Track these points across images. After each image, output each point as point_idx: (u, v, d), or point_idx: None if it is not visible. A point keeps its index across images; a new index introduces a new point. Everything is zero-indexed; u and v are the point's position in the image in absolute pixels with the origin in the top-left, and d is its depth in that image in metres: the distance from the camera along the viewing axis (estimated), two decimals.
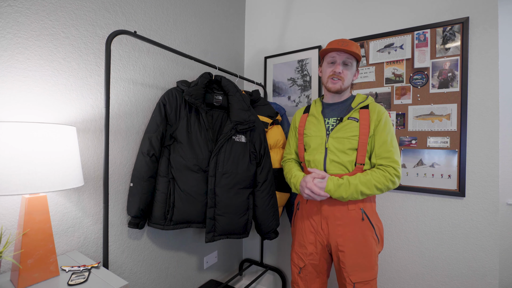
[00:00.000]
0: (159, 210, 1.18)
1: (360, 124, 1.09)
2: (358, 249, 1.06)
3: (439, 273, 1.34)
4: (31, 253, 0.77)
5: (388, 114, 1.12)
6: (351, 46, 1.10)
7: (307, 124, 1.23)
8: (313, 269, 1.16)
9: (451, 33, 1.30)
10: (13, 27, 0.85)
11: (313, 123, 1.20)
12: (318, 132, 1.16)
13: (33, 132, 0.73)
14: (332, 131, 1.13)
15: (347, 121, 1.11)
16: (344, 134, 1.10)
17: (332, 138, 1.12)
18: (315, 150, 1.15)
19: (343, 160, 1.08)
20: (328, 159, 1.11)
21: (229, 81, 1.36)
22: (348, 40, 1.12)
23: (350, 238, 1.07)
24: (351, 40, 1.15)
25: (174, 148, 1.22)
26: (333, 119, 1.16)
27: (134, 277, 1.24)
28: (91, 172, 1.06)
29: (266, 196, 1.36)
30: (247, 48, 2.05)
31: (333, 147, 1.10)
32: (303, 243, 1.18)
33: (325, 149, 1.12)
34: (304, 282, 1.17)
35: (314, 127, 1.19)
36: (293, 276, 1.22)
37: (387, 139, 1.06)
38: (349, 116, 1.12)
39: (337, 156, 1.09)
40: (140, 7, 1.25)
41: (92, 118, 1.06)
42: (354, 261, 1.06)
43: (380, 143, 1.06)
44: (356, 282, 1.05)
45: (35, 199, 0.79)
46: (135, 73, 1.23)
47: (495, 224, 1.22)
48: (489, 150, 1.23)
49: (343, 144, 1.09)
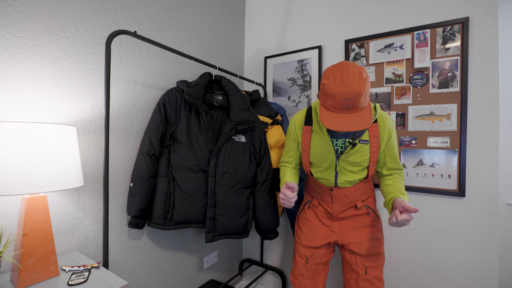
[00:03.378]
0: (159, 210, 1.18)
1: (370, 146, 1.07)
2: (367, 238, 1.14)
3: (439, 273, 1.34)
4: (31, 253, 0.77)
5: (394, 123, 1.13)
6: (358, 103, 0.89)
7: (312, 142, 1.13)
8: (319, 260, 1.21)
9: (451, 33, 1.30)
10: (13, 27, 0.85)
11: (320, 143, 1.11)
12: (326, 155, 1.10)
13: (33, 132, 0.73)
14: (342, 153, 1.08)
15: (358, 145, 1.06)
16: (356, 159, 1.08)
17: (342, 161, 1.09)
18: (326, 171, 1.14)
19: (355, 179, 1.12)
20: (339, 179, 1.13)
21: (229, 81, 1.36)
22: (354, 93, 0.86)
23: (361, 232, 1.16)
24: (358, 89, 0.87)
25: (174, 148, 1.22)
26: (341, 141, 1.09)
27: (134, 277, 1.24)
28: (91, 172, 1.06)
29: (266, 196, 1.36)
30: (247, 48, 2.05)
31: (344, 169, 1.11)
32: (312, 238, 1.21)
33: (335, 172, 1.12)
34: (309, 272, 1.20)
35: (321, 149, 1.11)
36: (298, 268, 1.22)
37: (395, 153, 1.12)
38: (360, 139, 1.07)
39: (349, 176, 1.12)
40: (140, 7, 1.25)
41: (92, 118, 1.06)
42: (366, 249, 1.13)
43: (391, 158, 1.13)
44: (369, 266, 1.13)
45: (35, 199, 0.79)
46: (135, 73, 1.23)
47: (495, 224, 1.22)
48: (489, 150, 1.23)
49: (355, 166, 1.10)
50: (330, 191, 1.15)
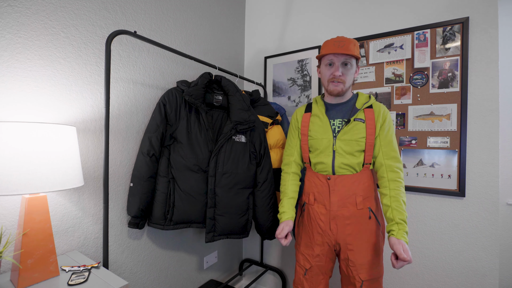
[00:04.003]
0: (159, 210, 1.18)
1: (366, 125, 1.09)
2: (366, 247, 1.08)
3: (439, 273, 1.34)
4: (31, 253, 0.77)
5: (389, 112, 1.13)
6: (348, 46, 1.06)
7: (311, 125, 1.19)
8: (319, 270, 1.16)
9: (451, 33, 1.30)
10: (13, 27, 0.85)
11: (318, 124, 1.17)
12: (324, 134, 1.13)
13: (33, 132, 0.73)
14: (339, 133, 1.11)
15: (354, 123, 1.10)
16: (352, 136, 1.09)
17: (340, 140, 1.10)
18: (323, 153, 1.13)
19: (352, 162, 1.09)
20: (336, 161, 1.10)
21: (229, 81, 1.36)
22: (344, 39, 1.07)
23: (359, 237, 1.08)
24: (348, 38, 1.09)
25: (174, 148, 1.22)
26: (339, 120, 1.14)
27: (134, 277, 1.24)
28: (91, 172, 1.06)
29: (266, 196, 1.36)
30: (247, 48, 2.05)
31: (341, 149, 1.10)
32: (310, 244, 1.17)
33: (333, 152, 1.11)
34: (309, 283, 1.16)
35: (319, 129, 1.16)
36: (298, 277, 1.20)
37: (392, 139, 1.10)
38: (355, 118, 1.11)
39: (346, 158, 1.09)
40: (140, 7, 1.25)
41: (92, 118, 1.06)
42: (363, 259, 1.07)
43: (387, 143, 1.09)
44: (365, 280, 1.06)
45: (35, 199, 0.79)
46: (135, 73, 1.23)
47: (495, 224, 1.22)
48: (489, 150, 1.23)
49: (352, 146, 1.09)
50: (327, 180, 1.11)
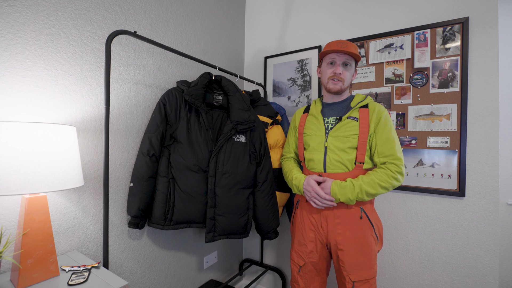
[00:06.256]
0: (159, 210, 1.18)
1: (359, 123, 1.09)
2: (357, 248, 1.07)
3: (439, 273, 1.34)
4: (31, 253, 0.77)
5: (388, 112, 1.13)
6: (350, 47, 1.11)
7: (306, 124, 1.24)
8: (313, 267, 1.16)
9: (451, 33, 1.30)
10: (13, 27, 0.85)
11: (313, 122, 1.21)
12: (318, 131, 1.17)
13: (33, 132, 0.73)
14: (331, 130, 1.14)
15: (347, 120, 1.12)
16: (344, 132, 1.10)
17: (331, 137, 1.12)
18: (315, 149, 1.16)
19: (343, 159, 1.09)
20: (328, 157, 1.11)
21: (229, 81, 1.36)
22: (346, 41, 1.13)
23: (349, 237, 1.07)
24: (350, 41, 1.16)
25: (174, 148, 1.22)
26: (333, 118, 1.17)
27: (134, 277, 1.24)
28: (91, 172, 1.06)
29: (266, 196, 1.36)
30: (247, 48, 2.05)
31: (332, 145, 1.11)
32: (303, 241, 1.18)
33: (324, 148, 1.13)
34: (304, 280, 1.17)
35: (313, 126, 1.20)
36: (293, 275, 1.22)
37: (389, 136, 1.07)
38: (348, 116, 1.13)
39: (337, 154, 1.10)
40: (140, 7, 1.25)
41: (92, 118, 1.06)
42: (354, 260, 1.06)
43: (382, 141, 1.07)
44: (356, 281, 1.05)
45: (35, 199, 0.79)
46: (135, 73, 1.23)
47: (495, 224, 1.22)
48: (489, 150, 1.23)
49: (343, 143, 1.09)
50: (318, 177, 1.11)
